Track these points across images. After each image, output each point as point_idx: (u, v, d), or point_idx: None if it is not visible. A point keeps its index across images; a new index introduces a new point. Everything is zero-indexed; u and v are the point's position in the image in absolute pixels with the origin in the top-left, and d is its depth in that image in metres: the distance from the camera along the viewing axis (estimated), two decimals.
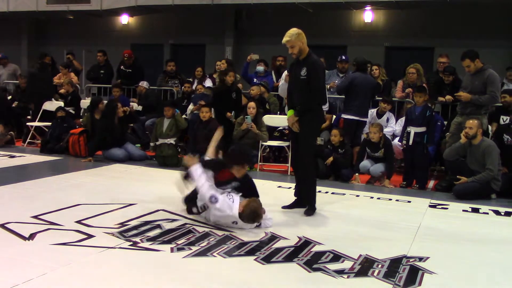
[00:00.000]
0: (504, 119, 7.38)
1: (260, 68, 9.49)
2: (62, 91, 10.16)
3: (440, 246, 4.42)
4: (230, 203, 4.53)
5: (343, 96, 8.02)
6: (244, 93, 8.85)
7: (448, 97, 7.83)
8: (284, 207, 5.37)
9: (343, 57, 8.84)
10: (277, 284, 3.46)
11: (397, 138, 7.62)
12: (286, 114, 7.94)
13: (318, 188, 6.54)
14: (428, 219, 5.29)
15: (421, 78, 8.41)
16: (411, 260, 3.97)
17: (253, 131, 7.67)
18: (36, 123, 9.85)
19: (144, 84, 9.84)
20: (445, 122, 7.85)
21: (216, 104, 8.12)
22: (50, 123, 9.20)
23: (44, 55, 10.68)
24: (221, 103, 8.07)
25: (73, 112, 9.61)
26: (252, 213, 4.51)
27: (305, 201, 5.33)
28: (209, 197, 4.56)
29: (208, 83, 9.83)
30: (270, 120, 8.31)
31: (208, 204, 4.58)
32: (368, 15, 12.98)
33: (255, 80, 9.39)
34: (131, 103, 9.84)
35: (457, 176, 6.46)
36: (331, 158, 7.13)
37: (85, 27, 15.62)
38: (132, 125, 9.16)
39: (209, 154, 5.28)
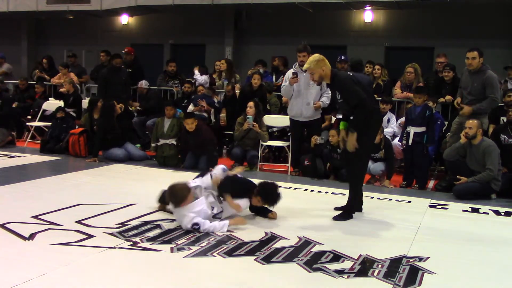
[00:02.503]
0: (504, 121, 7.38)
1: (260, 70, 9.50)
2: (63, 90, 10.14)
3: (440, 246, 4.42)
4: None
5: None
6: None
7: (448, 97, 7.84)
8: (336, 209, 5.34)
9: (343, 57, 8.85)
10: (277, 284, 3.46)
11: (397, 138, 7.62)
12: (286, 114, 8.01)
13: (318, 188, 6.59)
14: (428, 219, 5.29)
15: (419, 77, 8.42)
16: (411, 260, 3.97)
17: (254, 131, 7.67)
18: (36, 123, 9.87)
19: (143, 84, 9.82)
20: (445, 122, 7.85)
21: (234, 104, 8.12)
22: (50, 123, 9.21)
23: (115, 56, 9.66)
24: (243, 106, 8.02)
25: (74, 114, 9.60)
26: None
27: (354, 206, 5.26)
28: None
29: (204, 78, 9.81)
30: (270, 120, 8.31)
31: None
32: (368, 15, 12.99)
33: None
34: (130, 102, 9.83)
35: (457, 176, 6.46)
36: (329, 164, 7.22)
37: (85, 27, 15.64)
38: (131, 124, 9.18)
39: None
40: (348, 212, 5.20)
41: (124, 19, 15.20)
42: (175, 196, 4.51)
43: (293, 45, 7.62)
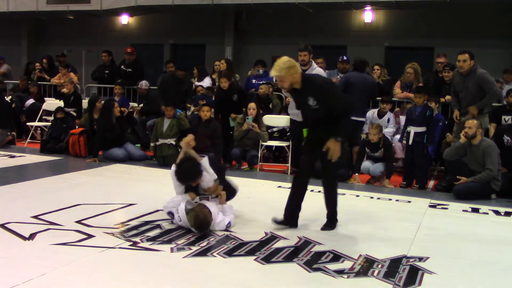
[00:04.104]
0: (506, 119, 7.38)
1: (259, 71, 9.48)
2: (64, 90, 10.12)
3: (440, 246, 4.42)
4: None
5: None
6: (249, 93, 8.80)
7: (448, 97, 7.83)
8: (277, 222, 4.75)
9: (344, 58, 8.84)
10: (277, 284, 3.46)
11: (398, 137, 7.64)
12: (286, 114, 8.00)
13: (318, 188, 6.55)
14: (428, 219, 5.29)
15: (419, 77, 8.41)
16: (411, 260, 3.97)
17: (254, 131, 7.68)
18: (36, 123, 9.87)
19: (143, 85, 9.76)
20: (446, 122, 7.85)
21: (219, 108, 8.16)
22: (50, 123, 9.21)
23: (169, 61, 9.53)
24: (223, 108, 8.06)
25: (74, 114, 9.59)
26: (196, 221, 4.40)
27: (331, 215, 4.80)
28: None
29: (207, 82, 9.81)
30: (270, 120, 8.31)
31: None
32: (368, 15, 12.98)
33: (253, 81, 9.38)
34: (130, 103, 9.82)
35: (457, 176, 6.46)
36: None
37: (85, 27, 15.63)
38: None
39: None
40: (334, 219, 4.80)
41: (124, 19, 15.19)
42: (206, 225, 4.42)
43: (293, 45, 7.62)
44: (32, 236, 4.14)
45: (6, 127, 9.16)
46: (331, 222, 4.79)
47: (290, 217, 4.72)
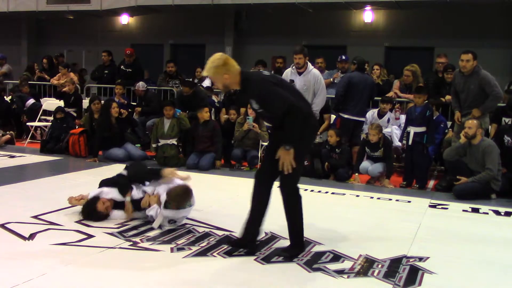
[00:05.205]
0: (506, 121, 7.37)
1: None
2: (66, 89, 10.11)
3: (440, 246, 4.42)
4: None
5: (333, 96, 8.05)
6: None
7: (448, 97, 7.83)
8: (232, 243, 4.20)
9: (343, 57, 8.85)
10: (277, 284, 3.46)
11: (396, 129, 7.72)
12: None
13: (318, 188, 6.57)
14: (428, 219, 5.29)
15: (418, 78, 8.39)
16: (411, 260, 3.97)
17: (254, 131, 7.68)
18: (36, 123, 9.87)
19: (140, 86, 9.69)
20: (449, 123, 7.85)
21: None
22: (50, 123, 9.21)
23: (186, 83, 9.09)
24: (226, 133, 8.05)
25: (74, 114, 9.59)
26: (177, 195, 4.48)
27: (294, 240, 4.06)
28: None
29: (207, 82, 9.83)
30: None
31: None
32: (368, 15, 13.00)
33: None
34: (131, 103, 9.82)
35: (457, 176, 6.46)
36: (327, 164, 7.20)
37: (85, 27, 15.65)
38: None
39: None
40: (297, 244, 4.05)
41: (124, 19, 15.21)
42: (188, 191, 4.54)
43: (293, 45, 7.61)
44: (32, 236, 4.14)
45: (7, 125, 9.19)
46: (291, 247, 4.03)
47: None
